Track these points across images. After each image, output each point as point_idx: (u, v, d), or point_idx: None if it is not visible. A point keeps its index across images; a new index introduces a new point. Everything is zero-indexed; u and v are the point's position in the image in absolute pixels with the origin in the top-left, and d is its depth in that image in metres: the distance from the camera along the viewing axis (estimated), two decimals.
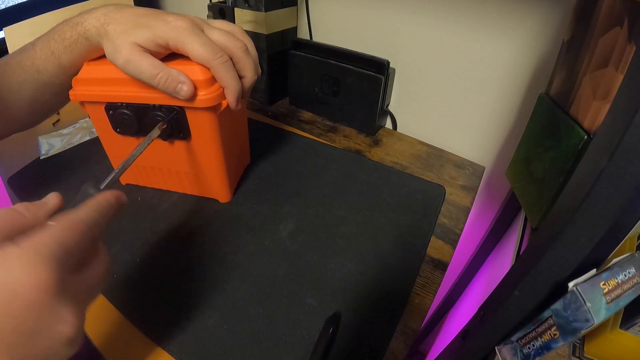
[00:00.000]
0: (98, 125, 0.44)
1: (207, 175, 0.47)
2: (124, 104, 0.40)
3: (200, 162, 0.46)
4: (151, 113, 0.40)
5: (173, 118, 0.40)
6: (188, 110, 0.40)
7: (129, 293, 0.39)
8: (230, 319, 0.37)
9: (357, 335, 0.36)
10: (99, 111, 0.42)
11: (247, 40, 0.40)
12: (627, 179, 0.17)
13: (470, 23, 0.55)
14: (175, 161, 0.47)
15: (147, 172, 0.50)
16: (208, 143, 0.43)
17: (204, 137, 0.43)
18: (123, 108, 0.41)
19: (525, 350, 0.25)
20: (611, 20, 0.32)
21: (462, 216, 0.51)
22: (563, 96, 0.41)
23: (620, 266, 0.24)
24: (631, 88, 0.18)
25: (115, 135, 0.44)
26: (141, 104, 0.40)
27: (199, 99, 0.38)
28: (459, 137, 0.66)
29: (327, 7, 0.69)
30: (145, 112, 0.41)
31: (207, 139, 0.43)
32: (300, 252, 0.44)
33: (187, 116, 0.40)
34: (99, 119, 0.43)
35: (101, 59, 0.39)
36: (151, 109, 0.40)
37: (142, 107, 0.40)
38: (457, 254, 0.49)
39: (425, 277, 0.43)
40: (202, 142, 0.43)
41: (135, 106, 0.40)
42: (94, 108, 0.42)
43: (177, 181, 0.50)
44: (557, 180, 0.37)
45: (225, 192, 0.50)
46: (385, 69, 0.59)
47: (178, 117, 0.40)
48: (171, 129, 0.41)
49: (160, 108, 0.40)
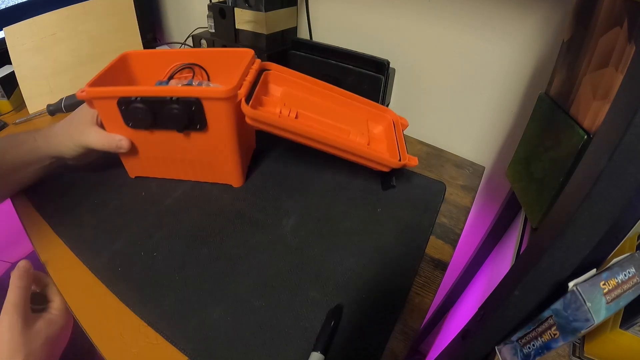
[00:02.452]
0: (107, 121, 0.45)
1: (221, 162, 0.48)
2: (137, 98, 0.40)
3: (215, 150, 0.47)
4: (167, 107, 0.40)
5: (190, 110, 0.41)
6: (206, 102, 0.40)
7: (133, 286, 0.39)
8: (234, 311, 0.37)
9: (358, 328, 0.36)
10: (110, 107, 0.42)
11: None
12: (627, 179, 0.17)
13: (471, 23, 0.55)
14: (190, 151, 0.47)
15: (159, 163, 0.50)
16: (224, 132, 0.44)
17: (220, 127, 0.43)
18: (137, 102, 0.41)
19: (526, 350, 0.25)
20: (611, 20, 0.32)
21: (462, 216, 0.51)
22: (563, 96, 0.41)
23: (620, 266, 0.24)
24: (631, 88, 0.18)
25: (125, 129, 0.44)
26: (157, 97, 0.40)
27: (218, 90, 0.39)
28: (459, 137, 0.66)
29: (327, 7, 0.69)
30: (161, 106, 0.41)
31: (224, 129, 0.43)
32: (303, 246, 0.44)
33: (205, 107, 0.41)
34: (108, 115, 0.43)
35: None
36: (168, 102, 0.40)
37: (158, 100, 0.40)
38: (457, 254, 0.49)
39: (425, 276, 0.43)
40: (218, 132, 0.44)
41: (150, 100, 0.41)
42: (103, 103, 0.43)
43: (190, 170, 0.51)
44: (557, 180, 0.37)
45: (238, 177, 0.51)
46: (385, 69, 0.59)
47: (195, 109, 0.41)
48: (188, 121, 0.42)
49: (177, 100, 0.40)
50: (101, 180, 0.52)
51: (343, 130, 0.51)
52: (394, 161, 0.48)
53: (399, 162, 0.48)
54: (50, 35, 0.66)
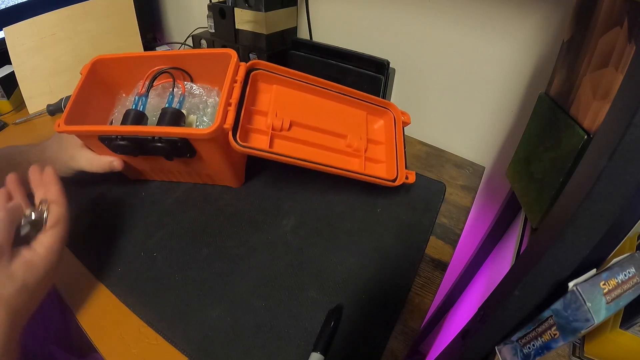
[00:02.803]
0: (94, 147, 0.44)
1: (217, 173, 0.48)
2: (118, 137, 0.39)
3: (210, 168, 0.47)
4: (151, 144, 0.40)
5: (176, 146, 0.40)
6: (192, 139, 0.40)
7: (133, 286, 0.39)
8: (233, 311, 0.37)
9: (358, 328, 0.36)
10: (92, 139, 0.42)
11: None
12: (627, 179, 0.17)
13: (471, 23, 0.55)
14: (184, 169, 0.47)
15: (156, 172, 0.51)
16: (215, 159, 0.44)
17: (210, 155, 0.43)
18: (119, 140, 0.40)
19: (526, 350, 0.25)
20: (611, 20, 0.32)
21: (462, 216, 0.51)
22: (563, 96, 0.41)
23: (620, 266, 0.24)
24: (631, 88, 0.18)
25: (114, 153, 0.44)
26: (139, 137, 0.39)
27: (201, 132, 0.38)
28: (459, 137, 0.66)
29: (327, 7, 0.69)
30: (144, 143, 0.40)
31: (214, 156, 0.43)
32: (302, 246, 0.44)
33: (192, 142, 0.40)
34: (94, 144, 0.42)
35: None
36: (150, 140, 0.39)
37: (140, 139, 0.40)
38: (457, 254, 0.49)
39: (425, 277, 0.43)
40: (209, 158, 0.44)
41: (132, 138, 0.40)
42: (84, 137, 0.42)
43: (188, 177, 0.51)
44: (557, 180, 0.37)
45: (237, 180, 0.51)
46: (385, 69, 0.59)
47: (182, 145, 0.40)
48: (176, 153, 0.41)
49: (160, 140, 0.39)
50: (101, 181, 0.52)
51: (339, 136, 0.49)
52: (390, 183, 0.47)
53: (395, 182, 0.47)
54: (50, 35, 0.66)
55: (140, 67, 0.47)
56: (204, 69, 0.48)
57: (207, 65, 0.47)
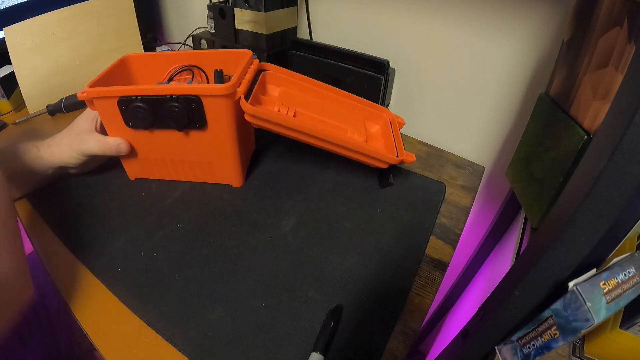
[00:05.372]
0: (107, 121, 0.45)
1: (221, 162, 0.49)
2: (138, 97, 0.41)
3: (215, 150, 0.47)
4: (167, 105, 0.41)
5: (190, 108, 0.41)
6: (205, 99, 0.41)
7: (133, 286, 0.39)
8: (233, 311, 0.37)
9: (358, 328, 0.36)
10: (110, 107, 0.42)
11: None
12: (627, 179, 0.17)
13: (471, 23, 0.55)
14: (190, 151, 0.48)
15: (158, 164, 0.51)
16: (224, 130, 0.44)
17: (220, 125, 0.44)
18: (137, 102, 0.41)
19: (525, 350, 0.25)
20: (611, 20, 0.32)
21: (462, 216, 0.51)
22: (563, 96, 0.41)
23: (620, 266, 0.24)
24: (631, 88, 0.18)
25: (125, 130, 0.45)
26: (157, 96, 0.41)
27: (217, 87, 0.40)
28: (459, 137, 0.66)
29: (327, 7, 0.69)
30: (161, 105, 0.41)
31: (223, 127, 0.44)
32: (302, 246, 0.44)
33: (204, 105, 0.41)
34: (109, 115, 0.44)
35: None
36: (168, 100, 0.41)
37: (158, 98, 0.41)
38: (457, 254, 0.49)
39: (425, 277, 0.43)
40: (218, 130, 0.44)
41: (151, 98, 0.41)
42: (104, 103, 0.43)
43: (190, 171, 0.51)
44: (557, 180, 0.37)
45: (239, 177, 0.51)
46: (385, 69, 0.59)
47: (195, 107, 0.41)
48: (188, 120, 0.42)
49: (177, 99, 0.40)
50: (101, 181, 0.52)
51: (341, 129, 0.51)
52: (392, 157, 0.48)
53: (397, 158, 0.48)
54: (50, 35, 0.66)
55: (162, 64, 0.52)
56: (220, 68, 0.52)
57: (224, 65, 0.52)
